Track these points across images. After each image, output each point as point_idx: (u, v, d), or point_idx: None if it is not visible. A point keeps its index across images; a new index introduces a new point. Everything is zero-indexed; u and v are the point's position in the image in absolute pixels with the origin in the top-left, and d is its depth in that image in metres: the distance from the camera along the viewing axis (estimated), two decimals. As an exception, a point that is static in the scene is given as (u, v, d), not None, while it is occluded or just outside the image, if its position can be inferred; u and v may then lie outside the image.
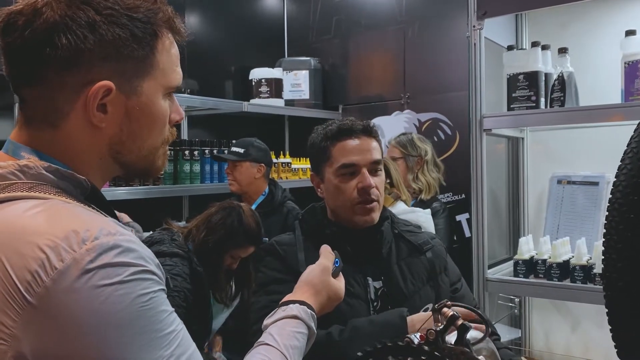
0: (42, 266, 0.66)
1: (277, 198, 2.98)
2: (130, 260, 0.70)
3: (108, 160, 0.83)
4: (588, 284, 2.22)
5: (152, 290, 0.71)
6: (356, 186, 1.47)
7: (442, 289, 1.54)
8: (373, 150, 1.50)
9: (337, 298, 1.15)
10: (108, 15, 0.77)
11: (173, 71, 0.86)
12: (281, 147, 4.07)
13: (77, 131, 0.79)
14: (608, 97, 2.31)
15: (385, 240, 1.53)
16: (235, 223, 2.31)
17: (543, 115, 2.35)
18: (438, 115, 3.66)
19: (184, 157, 3.09)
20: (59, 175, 0.77)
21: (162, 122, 0.86)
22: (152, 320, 0.70)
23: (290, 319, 1.03)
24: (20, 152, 0.79)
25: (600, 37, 2.67)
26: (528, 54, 2.43)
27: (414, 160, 2.87)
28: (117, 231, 0.71)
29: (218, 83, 3.90)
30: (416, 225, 1.69)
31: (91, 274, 0.66)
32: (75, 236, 0.68)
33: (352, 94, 4.05)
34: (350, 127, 1.51)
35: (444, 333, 0.91)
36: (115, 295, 0.67)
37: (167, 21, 0.83)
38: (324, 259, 1.18)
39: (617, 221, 1.38)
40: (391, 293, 1.47)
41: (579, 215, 2.60)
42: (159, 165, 0.89)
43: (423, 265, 1.54)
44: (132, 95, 0.81)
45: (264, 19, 4.24)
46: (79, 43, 0.75)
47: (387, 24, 3.84)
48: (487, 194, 2.42)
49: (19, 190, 0.74)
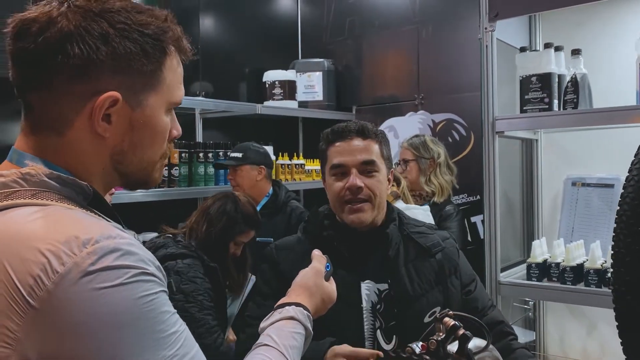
0: (44, 270, 0.68)
1: (280, 198, 3.01)
2: (131, 263, 0.71)
3: (109, 169, 0.85)
4: (603, 287, 2.19)
5: (154, 292, 0.72)
6: (344, 186, 1.50)
7: (451, 292, 1.53)
8: (364, 151, 1.52)
9: (330, 300, 1.17)
10: (121, 29, 0.79)
11: (177, 88, 0.88)
12: (295, 149, 4.08)
13: (81, 140, 0.81)
14: (623, 99, 2.28)
15: (392, 242, 1.53)
16: (234, 209, 2.37)
17: (556, 118, 2.33)
18: (452, 116, 3.64)
19: (199, 160, 3.11)
20: (61, 182, 0.79)
21: (163, 136, 0.88)
22: (154, 321, 0.72)
23: (287, 320, 1.04)
24: (24, 161, 0.81)
25: (614, 38, 2.63)
26: (541, 55, 2.40)
27: (426, 163, 2.85)
28: (118, 235, 0.73)
29: (232, 85, 3.92)
30: (429, 225, 1.69)
31: (92, 277, 0.68)
32: (76, 240, 0.69)
33: (366, 95, 4.05)
34: (343, 129, 1.55)
35: (445, 343, 0.91)
36: (116, 296, 0.69)
37: (176, 40, 0.86)
38: (316, 262, 1.20)
39: (628, 215, 1.37)
40: (397, 296, 1.47)
41: (594, 217, 2.57)
42: (155, 178, 0.92)
43: (432, 267, 1.54)
44: (137, 107, 0.83)
45: (278, 21, 4.25)
46: (91, 53, 0.77)
47: (400, 25, 3.83)
48: (501, 196, 2.41)
49: (21, 197, 0.76)
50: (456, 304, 1.51)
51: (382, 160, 1.56)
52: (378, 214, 1.53)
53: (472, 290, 1.59)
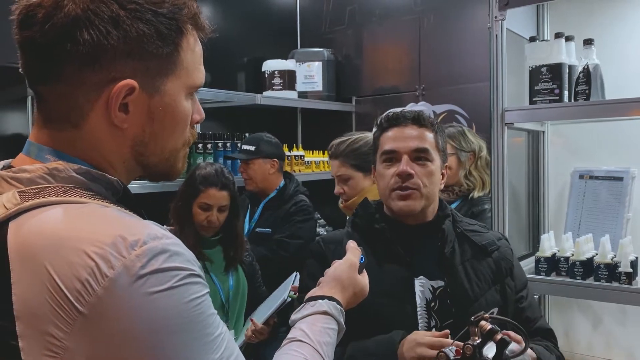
0: (92, 274, 0.64)
1: (288, 191, 2.95)
2: (179, 264, 0.69)
3: (130, 161, 0.80)
4: (613, 282, 2.16)
5: (202, 294, 0.71)
6: (394, 173, 1.45)
7: (508, 293, 1.48)
8: (417, 139, 1.47)
9: (362, 294, 1.14)
10: (132, 10, 0.73)
11: (197, 70, 0.82)
12: (294, 140, 4.02)
13: (99, 131, 0.76)
14: (636, 90, 2.23)
15: (448, 239, 1.48)
16: (190, 175, 2.40)
17: (568, 109, 2.28)
18: (454, 107, 3.60)
19: (197, 151, 3.05)
20: (91, 177, 0.75)
21: (185, 122, 0.83)
22: (203, 325, 0.70)
23: (320, 314, 1.01)
24: (45, 155, 0.76)
25: (627, 27, 2.57)
26: (551, 45, 2.35)
27: (466, 156, 2.62)
28: (163, 234, 0.70)
29: (230, 75, 3.85)
30: (482, 224, 1.63)
31: (143, 280, 0.65)
32: (123, 241, 0.66)
33: (366, 86, 3.99)
34: (398, 115, 1.51)
35: (481, 348, 0.86)
36: (167, 301, 0.67)
37: (193, 17, 0.80)
38: (351, 254, 1.17)
39: None
40: (455, 294, 1.42)
41: (602, 211, 2.53)
42: (179, 168, 0.86)
43: (489, 266, 1.49)
44: (155, 94, 0.77)
45: (277, 10, 4.18)
46: (102, 39, 0.72)
47: (402, 14, 3.77)
48: (507, 189, 2.36)
49: (53, 194, 0.71)
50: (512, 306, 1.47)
51: (437, 151, 1.50)
52: (428, 206, 1.48)
53: (524, 297, 1.53)
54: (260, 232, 2.90)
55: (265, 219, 2.92)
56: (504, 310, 1.41)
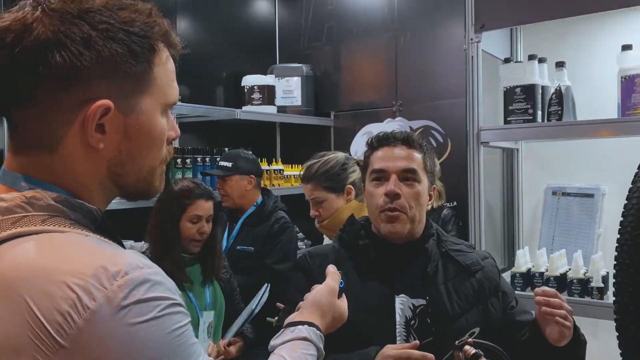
0: (74, 306, 0.64)
1: (267, 207, 2.95)
2: (161, 294, 0.69)
3: (107, 183, 0.80)
4: (585, 297, 2.23)
5: (183, 324, 0.71)
6: (382, 192, 1.48)
7: (491, 313, 1.51)
8: (406, 159, 1.50)
9: (341, 319, 1.15)
10: (104, 30, 0.73)
11: (170, 86, 0.83)
12: (273, 154, 4.04)
13: (75, 154, 0.75)
14: (605, 111, 2.32)
15: (432, 257, 1.51)
16: (168, 194, 2.32)
17: (541, 129, 2.36)
18: (429, 123, 3.66)
19: (176, 166, 3.04)
20: (69, 205, 0.74)
21: (161, 140, 0.82)
22: (185, 355, 0.70)
23: (300, 340, 1.02)
24: (20, 183, 0.75)
25: (597, 50, 2.68)
26: (525, 66, 2.43)
27: None
28: (144, 264, 0.70)
29: (210, 90, 3.85)
30: (468, 244, 1.67)
31: (125, 311, 0.65)
32: (105, 272, 0.66)
33: (344, 101, 4.04)
34: (388, 136, 1.54)
35: (466, 370, 0.89)
36: (150, 332, 0.66)
37: (164, 35, 0.80)
38: (330, 279, 1.17)
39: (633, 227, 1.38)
40: (435, 313, 1.44)
41: (574, 227, 2.61)
42: (157, 186, 0.86)
43: (472, 286, 1.51)
44: (130, 113, 0.77)
45: (256, 25, 4.20)
46: (75, 60, 0.71)
47: (378, 32, 3.83)
48: (484, 205, 2.42)
49: (31, 224, 0.70)
50: (495, 326, 1.50)
51: (425, 172, 1.53)
52: (415, 227, 1.51)
53: (514, 306, 1.58)
54: (241, 250, 2.89)
55: (245, 235, 2.92)
56: (486, 331, 1.44)
